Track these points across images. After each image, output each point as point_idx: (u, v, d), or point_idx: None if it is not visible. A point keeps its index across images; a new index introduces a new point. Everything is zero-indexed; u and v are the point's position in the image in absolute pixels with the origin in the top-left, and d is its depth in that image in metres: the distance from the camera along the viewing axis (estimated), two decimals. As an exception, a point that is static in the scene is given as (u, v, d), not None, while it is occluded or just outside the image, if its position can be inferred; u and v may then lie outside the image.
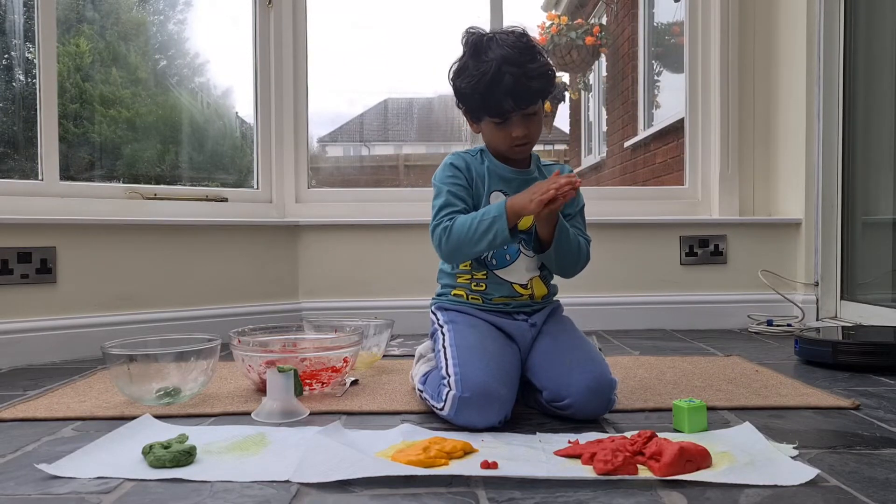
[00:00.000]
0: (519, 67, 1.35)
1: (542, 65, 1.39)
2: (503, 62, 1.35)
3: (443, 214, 1.40)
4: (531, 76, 1.36)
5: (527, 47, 1.38)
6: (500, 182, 1.45)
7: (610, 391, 1.33)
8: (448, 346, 1.36)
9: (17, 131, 2.26)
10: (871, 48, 2.53)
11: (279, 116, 2.68)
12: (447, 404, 1.28)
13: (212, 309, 2.38)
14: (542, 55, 1.41)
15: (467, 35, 1.44)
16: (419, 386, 1.44)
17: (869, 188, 2.56)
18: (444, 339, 1.39)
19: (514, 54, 1.36)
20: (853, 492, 0.96)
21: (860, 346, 1.83)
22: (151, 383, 1.46)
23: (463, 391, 1.26)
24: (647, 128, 4.45)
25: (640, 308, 2.59)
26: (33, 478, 1.05)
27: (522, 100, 1.37)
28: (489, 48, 1.38)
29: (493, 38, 1.40)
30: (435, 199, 1.44)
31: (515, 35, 1.40)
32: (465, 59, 1.41)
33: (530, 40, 1.41)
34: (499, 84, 1.35)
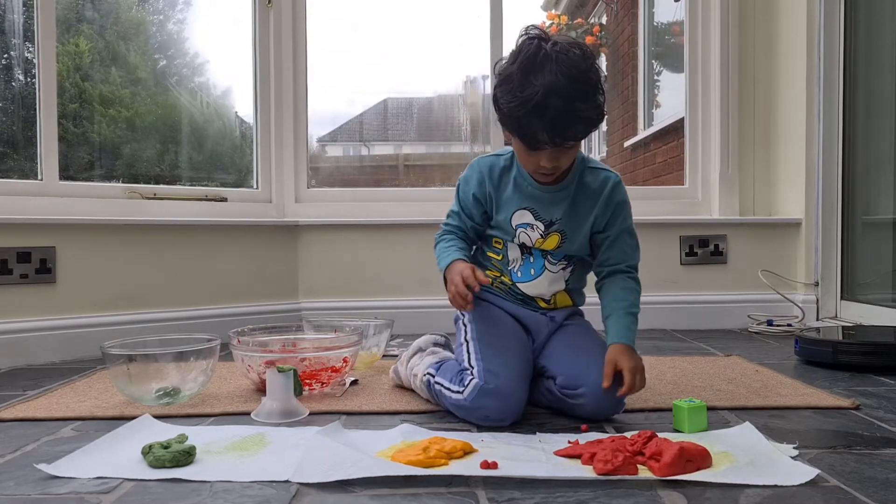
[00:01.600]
0: (567, 103, 1.21)
1: (593, 106, 1.24)
2: (550, 92, 1.20)
3: (444, 226, 1.49)
4: (577, 117, 1.22)
5: (582, 79, 1.22)
6: (526, 199, 1.39)
7: (623, 395, 1.33)
8: (470, 339, 1.38)
9: (17, 131, 2.26)
10: (871, 48, 2.53)
11: (279, 116, 2.67)
12: (468, 389, 1.30)
13: (211, 309, 2.38)
14: (598, 90, 1.25)
15: (525, 38, 1.27)
16: (430, 370, 1.44)
17: (869, 188, 2.56)
18: (466, 334, 1.41)
19: (566, 85, 1.21)
20: (853, 492, 0.96)
21: (860, 346, 1.83)
22: (151, 383, 1.46)
23: (486, 382, 1.29)
24: (647, 127, 4.45)
25: (641, 308, 2.58)
26: (33, 478, 1.05)
27: (560, 137, 1.24)
28: (542, 68, 1.21)
29: (551, 55, 1.22)
30: (456, 194, 1.48)
31: (575, 58, 1.23)
32: (513, 70, 1.25)
33: (590, 68, 1.24)
34: (539, 116, 1.22)
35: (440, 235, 1.48)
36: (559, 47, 1.23)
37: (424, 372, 1.47)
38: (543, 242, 1.40)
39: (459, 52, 3.44)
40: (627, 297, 1.38)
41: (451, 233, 1.47)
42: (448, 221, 1.49)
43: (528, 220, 1.40)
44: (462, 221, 1.46)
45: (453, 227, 1.47)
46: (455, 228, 1.47)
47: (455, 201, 1.48)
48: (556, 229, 1.39)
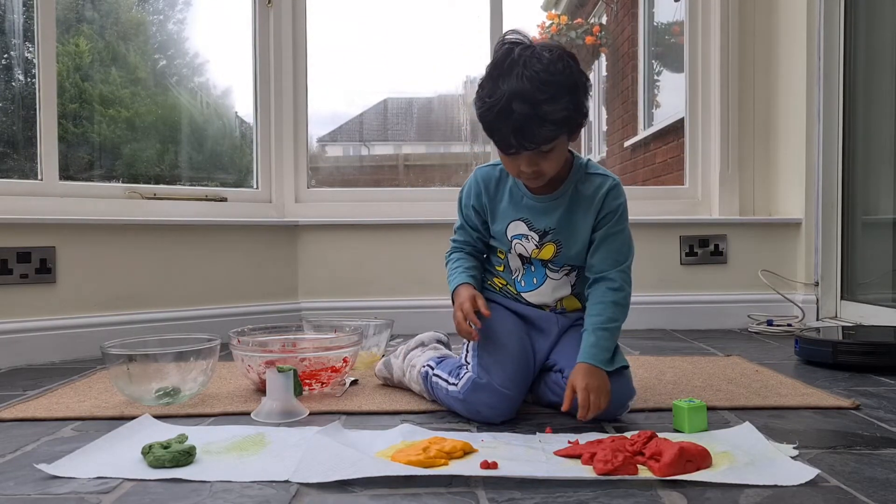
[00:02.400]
0: (532, 107, 1.19)
1: (561, 107, 1.20)
2: (515, 96, 1.19)
3: (452, 241, 1.49)
4: (544, 119, 1.20)
5: (550, 82, 1.19)
6: (520, 209, 1.38)
7: (628, 398, 1.34)
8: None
9: (17, 131, 2.26)
10: (871, 48, 2.53)
11: (279, 116, 2.67)
12: (461, 382, 1.33)
13: (211, 309, 2.38)
14: (572, 91, 1.22)
15: (500, 45, 1.27)
16: (430, 363, 1.46)
17: (869, 188, 2.56)
18: None
19: (531, 89, 1.19)
20: (853, 492, 0.96)
21: (860, 346, 1.83)
22: (151, 383, 1.46)
23: (479, 377, 1.31)
24: (646, 127, 4.44)
25: (640, 308, 2.58)
26: (33, 478, 1.05)
27: (528, 141, 1.22)
28: (509, 74, 1.21)
29: (519, 60, 1.21)
30: (459, 208, 1.48)
31: (545, 62, 1.20)
32: (486, 76, 1.26)
33: (561, 70, 1.21)
34: (506, 119, 1.21)
35: (449, 253, 1.49)
36: (529, 51, 1.22)
37: (424, 364, 1.48)
38: (539, 252, 1.39)
39: (459, 52, 3.44)
40: (603, 312, 1.32)
41: (458, 249, 1.47)
42: (455, 237, 1.49)
43: (523, 230, 1.38)
44: (468, 235, 1.46)
45: (461, 243, 1.48)
46: (462, 244, 1.47)
47: (458, 215, 1.48)
48: (550, 239, 1.37)
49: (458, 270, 1.43)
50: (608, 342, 1.31)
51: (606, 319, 1.32)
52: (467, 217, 1.45)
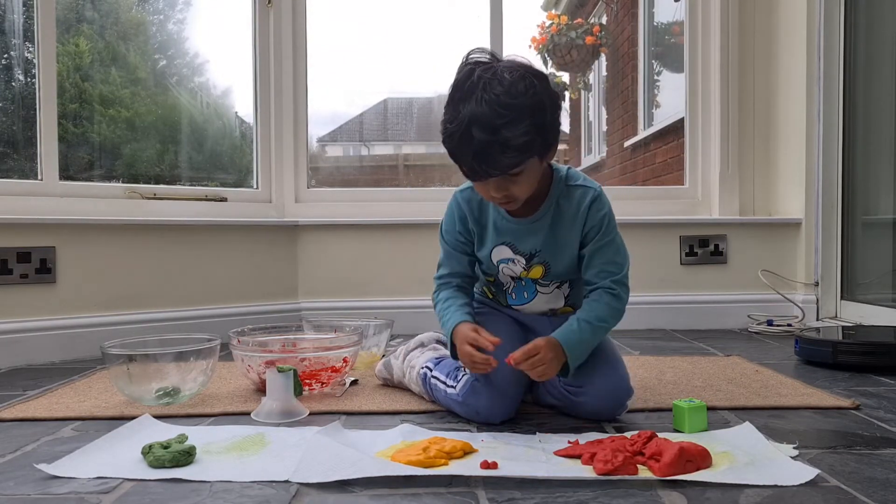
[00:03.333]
0: (492, 134, 1.13)
1: (521, 132, 1.13)
2: (473, 122, 1.13)
3: (438, 279, 1.42)
4: (505, 145, 1.13)
5: (511, 105, 1.13)
6: (503, 233, 1.33)
7: (626, 398, 1.34)
8: None
9: (17, 131, 2.26)
10: (871, 48, 2.53)
11: (279, 116, 2.67)
12: (460, 384, 1.32)
13: (211, 309, 2.38)
14: (536, 113, 1.15)
15: (462, 65, 1.22)
16: (429, 364, 1.46)
17: (869, 188, 2.56)
18: None
19: (489, 114, 1.13)
20: (853, 492, 0.96)
21: (860, 346, 1.83)
22: (151, 383, 1.46)
23: (477, 379, 1.30)
24: (646, 127, 4.44)
25: (640, 308, 2.59)
26: (33, 478, 1.05)
27: (491, 167, 1.16)
28: (468, 97, 1.15)
29: (479, 83, 1.15)
30: (441, 245, 1.41)
31: (506, 84, 1.14)
32: (448, 99, 1.20)
33: (524, 91, 1.15)
34: (467, 146, 1.15)
35: (436, 294, 1.41)
36: (490, 73, 1.16)
37: (423, 365, 1.48)
38: (528, 273, 1.37)
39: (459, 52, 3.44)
40: (596, 309, 1.30)
41: (446, 285, 1.40)
42: (440, 274, 1.41)
43: (508, 254, 1.35)
44: (454, 266, 1.39)
45: (447, 277, 1.40)
46: (449, 277, 1.40)
47: (442, 246, 1.40)
48: (537, 261, 1.35)
49: (450, 310, 1.34)
50: (590, 337, 1.28)
51: (597, 317, 1.29)
52: (454, 244, 1.38)
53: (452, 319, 1.32)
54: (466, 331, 1.27)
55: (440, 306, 1.37)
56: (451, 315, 1.33)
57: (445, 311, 1.35)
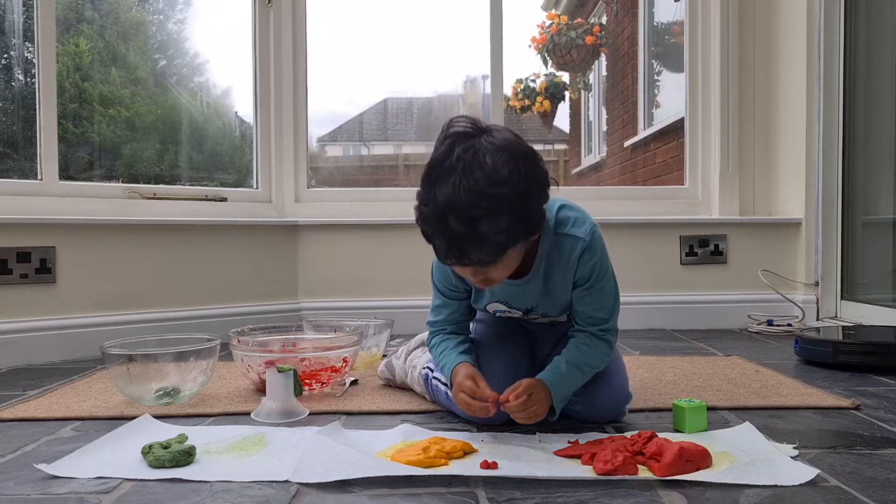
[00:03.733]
0: (469, 225, 1.03)
1: (501, 227, 1.04)
2: (449, 211, 1.03)
3: (430, 327, 1.37)
4: (483, 239, 1.04)
5: (491, 196, 1.02)
6: (498, 293, 1.28)
7: (623, 403, 1.34)
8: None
9: (17, 131, 2.26)
10: (871, 48, 2.53)
11: (279, 116, 2.67)
12: None
13: (211, 309, 2.38)
14: (519, 202, 1.04)
15: (442, 136, 1.10)
16: (430, 365, 1.45)
17: (869, 188, 2.56)
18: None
19: (467, 204, 1.02)
20: (853, 492, 0.96)
21: (860, 345, 1.83)
22: (151, 383, 1.46)
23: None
24: (647, 127, 4.44)
25: (640, 308, 2.59)
26: (33, 478, 1.05)
27: (466, 259, 1.08)
28: (445, 179, 1.04)
29: (458, 165, 1.04)
30: (432, 279, 1.34)
31: (487, 169, 1.03)
32: (424, 173, 1.09)
33: (505, 180, 1.03)
34: (441, 233, 1.06)
35: (430, 340, 1.37)
36: (471, 154, 1.04)
37: (424, 366, 1.48)
38: (527, 317, 1.36)
39: (459, 52, 3.44)
40: (583, 353, 1.25)
41: (441, 331, 1.35)
42: (433, 320, 1.36)
43: (504, 308, 1.32)
44: (447, 315, 1.33)
45: (441, 324, 1.35)
46: (444, 324, 1.35)
47: (435, 295, 1.35)
48: (535, 313, 1.33)
49: (447, 351, 1.30)
50: (577, 381, 1.24)
51: (586, 363, 1.24)
52: (449, 294, 1.32)
53: (452, 361, 1.28)
54: (463, 378, 1.22)
55: (436, 350, 1.34)
56: (449, 357, 1.29)
57: (443, 354, 1.31)
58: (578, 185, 6.23)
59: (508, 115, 4.74)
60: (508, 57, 2.78)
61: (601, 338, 1.26)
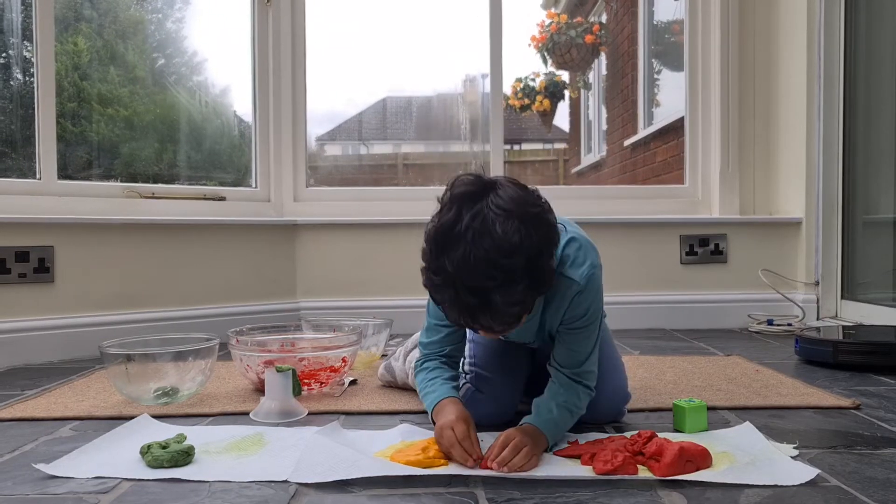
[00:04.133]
0: (481, 298, 1.01)
1: (515, 298, 1.01)
2: (460, 283, 1.00)
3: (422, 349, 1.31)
4: (496, 310, 1.02)
5: (502, 266, 0.99)
6: None
7: (623, 403, 1.34)
8: (468, 341, 1.37)
9: (15, 130, 2.25)
10: (871, 47, 2.53)
11: (277, 115, 2.67)
12: (461, 392, 1.30)
13: (210, 308, 2.38)
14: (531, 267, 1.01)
15: (448, 197, 1.05)
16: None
17: (869, 187, 2.56)
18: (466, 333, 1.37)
19: (479, 276, 0.99)
20: (853, 492, 0.96)
21: (861, 345, 1.83)
22: (149, 383, 1.45)
23: (478, 388, 1.29)
24: (646, 126, 4.44)
25: (640, 308, 2.59)
26: (31, 477, 1.05)
27: (479, 326, 1.07)
28: (454, 247, 1.00)
29: (466, 233, 0.99)
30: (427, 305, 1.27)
31: (497, 238, 0.99)
32: (430, 235, 1.04)
33: (516, 248, 0.99)
34: (452, 303, 1.04)
35: (420, 365, 1.30)
36: (479, 220, 1.00)
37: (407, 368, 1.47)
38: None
39: (458, 50, 3.44)
40: (570, 398, 1.19)
41: (433, 358, 1.29)
42: (427, 341, 1.30)
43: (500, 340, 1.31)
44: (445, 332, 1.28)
45: (435, 347, 1.29)
46: (438, 347, 1.29)
47: (428, 320, 1.29)
48: (529, 346, 1.33)
49: (437, 382, 1.24)
50: (566, 423, 1.19)
51: (572, 403, 1.19)
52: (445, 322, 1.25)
53: (440, 392, 1.22)
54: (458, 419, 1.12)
55: (424, 375, 1.28)
56: (437, 388, 1.23)
57: (431, 381, 1.25)
58: (578, 184, 6.23)
59: (508, 114, 4.74)
60: (508, 56, 2.78)
61: (578, 381, 1.20)
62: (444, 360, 1.29)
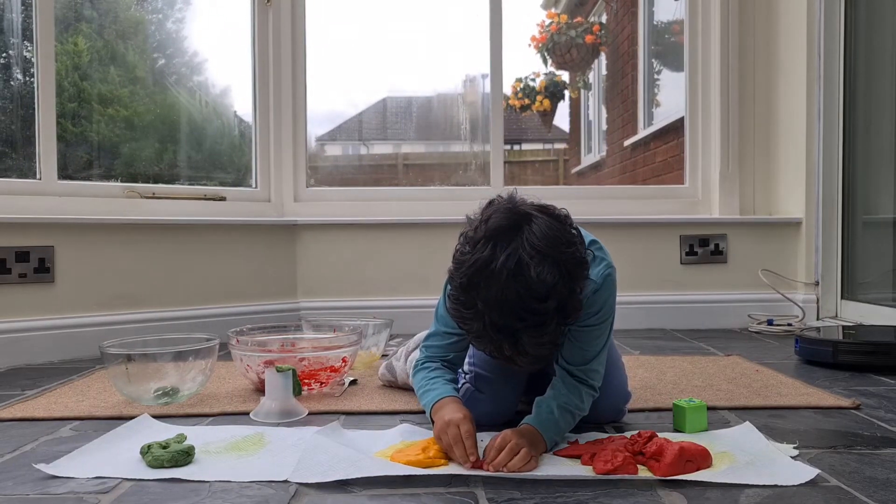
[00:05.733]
0: (510, 337, 1.01)
1: (545, 340, 1.02)
2: (490, 320, 1.01)
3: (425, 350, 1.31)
4: (523, 350, 1.02)
5: (533, 310, 0.99)
6: None
7: (623, 403, 1.34)
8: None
9: (16, 130, 2.25)
10: (871, 48, 2.53)
11: (278, 115, 2.67)
12: (460, 392, 1.30)
13: (210, 308, 2.38)
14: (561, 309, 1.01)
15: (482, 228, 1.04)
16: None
17: (869, 187, 2.56)
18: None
19: (510, 317, 0.99)
20: (853, 492, 0.96)
21: (861, 345, 1.83)
22: (150, 383, 1.45)
23: (478, 388, 1.29)
24: (646, 126, 4.44)
25: (640, 308, 2.59)
26: (31, 478, 1.05)
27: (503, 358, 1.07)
28: (486, 287, 1.00)
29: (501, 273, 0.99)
30: (436, 310, 1.29)
31: (531, 280, 0.98)
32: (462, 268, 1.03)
33: (549, 291, 0.99)
34: (480, 338, 1.06)
35: (420, 365, 1.30)
36: (514, 260, 0.99)
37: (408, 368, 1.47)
38: None
39: (458, 50, 3.44)
40: (572, 399, 1.18)
41: (433, 360, 1.28)
42: (432, 344, 1.29)
43: None
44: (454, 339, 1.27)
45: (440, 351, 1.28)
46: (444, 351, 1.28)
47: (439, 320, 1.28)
48: None
49: (438, 381, 1.24)
50: (566, 425, 1.18)
51: (574, 405, 1.18)
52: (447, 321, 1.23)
53: (440, 391, 1.21)
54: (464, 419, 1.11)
55: (424, 374, 1.27)
56: (438, 386, 1.23)
57: (433, 380, 1.25)
58: (578, 184, 6.23)
59: (508, 114, 4.73)
60: (508, 56, 2.78)
61: (583, 381, 1.19)
62: (445, 364, 1.29)
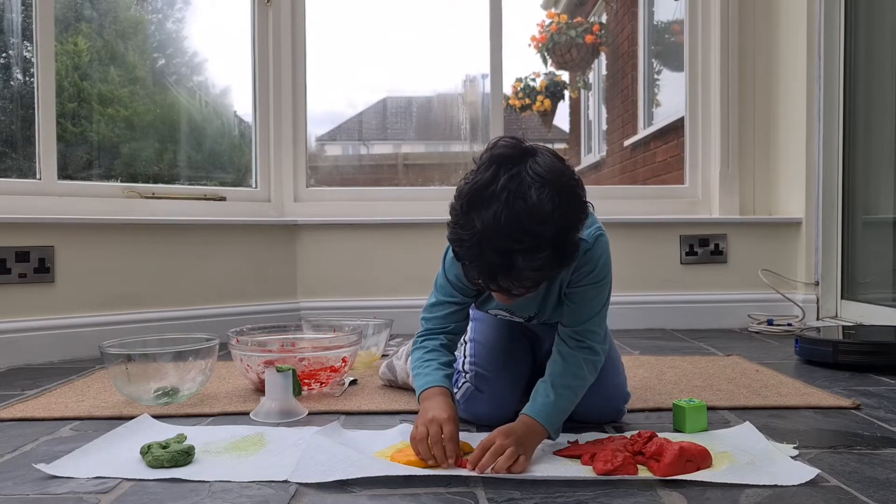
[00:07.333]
0: (505, 257, 1.00)
1: (537, 263, 1.00)
2: (486, 241, 0.99)
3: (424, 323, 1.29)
4: (518, 274, 1.01)
5: (531, 232, 0.98)
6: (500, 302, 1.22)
7: (622, 402, 1.34)
8: (468, 340, 1.37)
9: (15, 130, 2.25)
10: (871, 48, 2.53)
11: (278, 115, 2.67)
12: (460, 392, 1.31)
13: (210, 308, 2.38)
14: (559, 238, 1.01)
15: (488, 156, 1.05)
16: None
17: (869, 187, 2.56)
18: (467, 332, 1.38)
19: (505, 237, 0.99)
20: (853, 492, 0.96)
21: (861, 345, 1.83)
22: (149, 383, 1.45)
23: (478, 388, 1.29)
24: (646, 126, 4.44)
25: (640, 308, 2.59)
26: (31, 478, 1.05)
27: (498, 287, 1.06)
28: (486, 206, 0.99)
29: (501, 194, 0.99)
30: (436, 281, 1.28)
31: (531, 202, 0.98)
32: (463, 193, 1.03)
33: (548, 215, 0.99)
34: (474, 261, 1.04)
35: (419, 342, 1.28)
36: (516, 182, 1.00)
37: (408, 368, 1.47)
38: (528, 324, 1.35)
39: (459, 50, 3.43)
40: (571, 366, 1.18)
41: (432, 336, 1.27)
42: (430, 316, 1.28)
43: (506, 314, 1.31)
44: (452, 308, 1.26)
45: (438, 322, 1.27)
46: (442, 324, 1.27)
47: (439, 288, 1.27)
48: (537, 321, 1.31)
49: (431, 365, 1.22)
50: (568, 402, 1.16)
51: (573, 376, 1.17)
52: (459, 281, 1.23)
53: (431, 378, 1.20)
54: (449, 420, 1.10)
55: (419, 355, 1.26)
56: (431, 372, 1.21)
57: (426, 363, 1.23)
58: (578, 184, 6.21)
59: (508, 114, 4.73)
60: (508, 56, 2.78)
61: (581, 344, 1.19)
62: (443, 338, 1.27)
